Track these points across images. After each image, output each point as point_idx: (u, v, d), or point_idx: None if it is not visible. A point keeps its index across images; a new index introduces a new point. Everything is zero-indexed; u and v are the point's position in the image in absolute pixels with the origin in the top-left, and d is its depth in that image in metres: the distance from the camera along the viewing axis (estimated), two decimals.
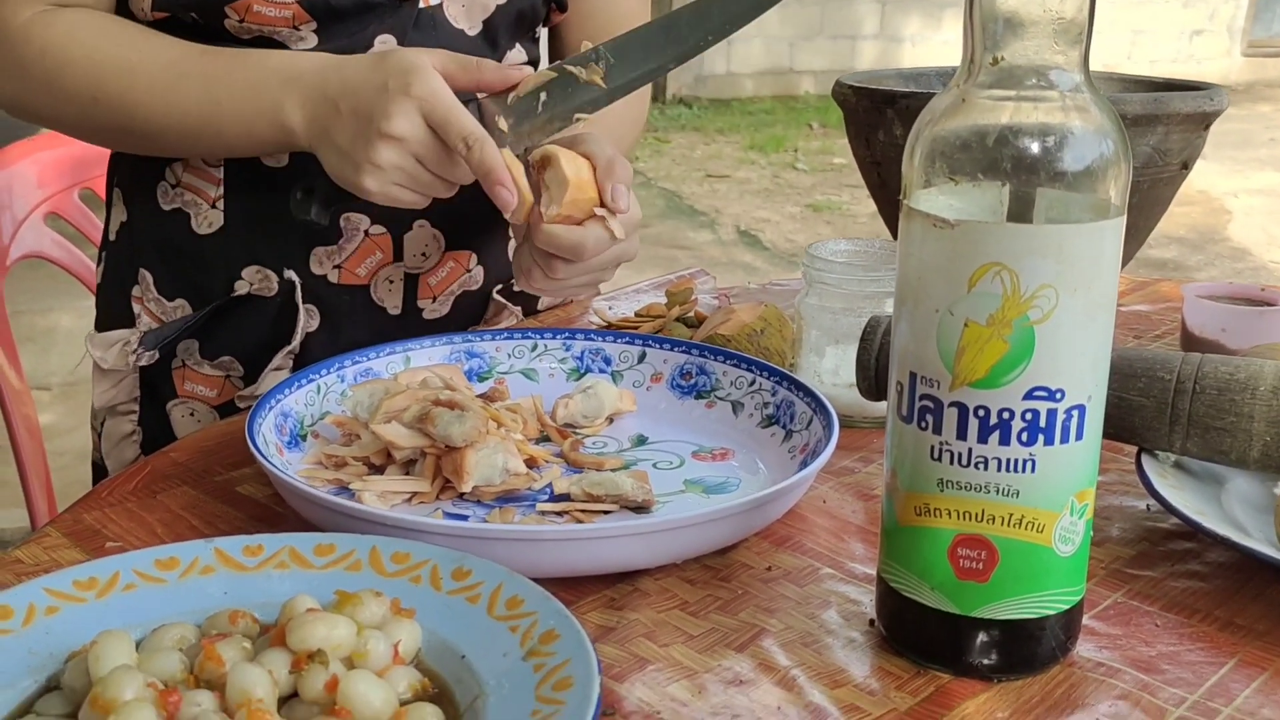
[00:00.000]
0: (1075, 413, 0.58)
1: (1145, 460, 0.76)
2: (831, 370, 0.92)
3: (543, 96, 0.90)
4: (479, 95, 0.90)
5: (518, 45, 1.10)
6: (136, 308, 1.07)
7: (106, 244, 1.12)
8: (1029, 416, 0.58)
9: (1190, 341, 1.05)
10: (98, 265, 1.13)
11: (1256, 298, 1.08)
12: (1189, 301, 1.06)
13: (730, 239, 5.05)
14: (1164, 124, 0.97)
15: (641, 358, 0.95)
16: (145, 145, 0.99)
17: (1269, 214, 5.47)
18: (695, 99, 7.96)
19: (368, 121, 0.85)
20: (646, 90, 1.19)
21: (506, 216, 0.88)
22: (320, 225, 0.93)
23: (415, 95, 0.84)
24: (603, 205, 0.90)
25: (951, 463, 0.59)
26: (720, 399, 0.90)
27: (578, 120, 0.91)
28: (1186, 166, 1.03)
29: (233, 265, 1.05)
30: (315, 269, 1.05)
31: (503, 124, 0.89)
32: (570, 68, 0.91)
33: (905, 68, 1.18)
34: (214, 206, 1.04)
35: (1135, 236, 1.05)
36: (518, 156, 0.89)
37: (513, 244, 1.13)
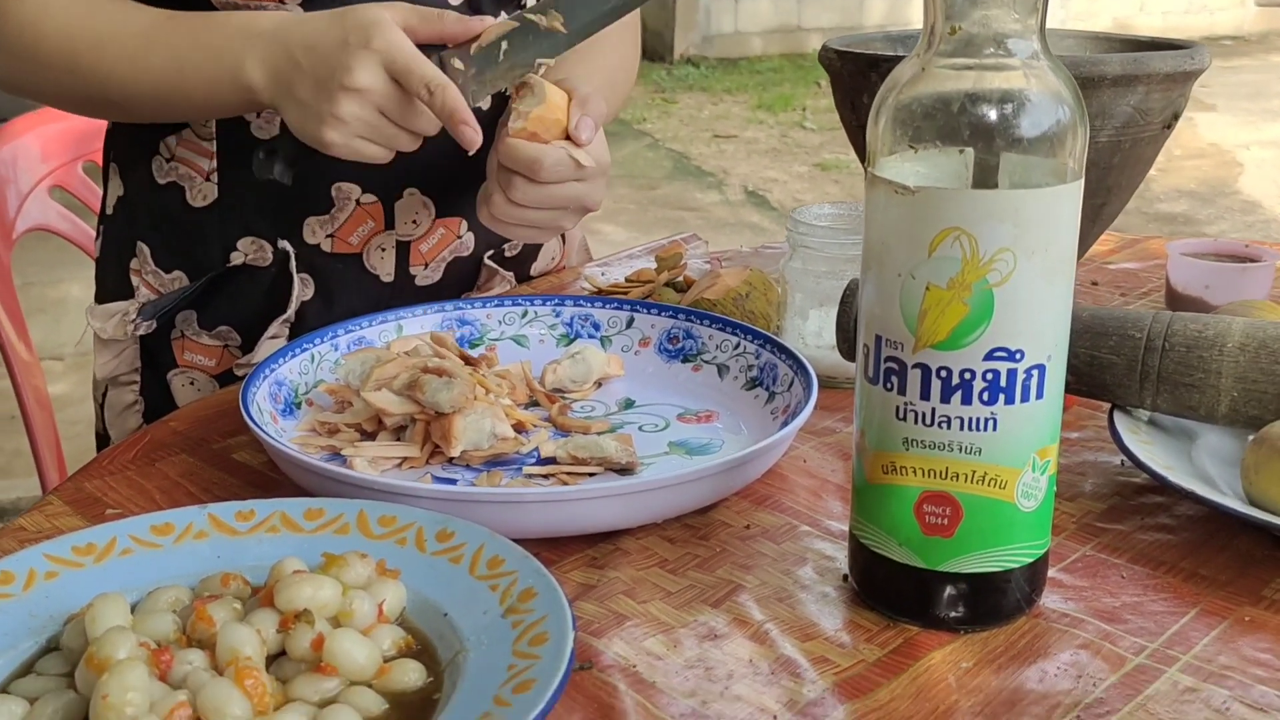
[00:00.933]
0: (1035, 372, 0.60)
1: (1117, 417, 0.78)
2: (815, 333, 0.94)
3: (504, 45, 0.92)
4: (442, 47, 0.92)
5: (503, 14, 1.12)
6: (135, 280, 1.09)
7: (104, 218, 1.14)
8: (990, 376, 0.59)
9: (1174, 299, 1.07)
10: (96, 239, 1.15)
11: (1241, 254, 1.09)
12: (1173, 259, 1.08)
13: (738, 199, 5.05)
14: (1144, 84, 0.98)
15: (630, 323, 0.96)
16: (123, 113, 1.01)
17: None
18: (702, 58, 7.92)
19: (329, 76, 0.87)
20: (635, 42, 1.20)
21: (470, 152, 0.90)
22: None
23: (376, 48, 0.86)
24: (567, 136, 0.92)
25: (916, 422, 0.61)
26: (706, 362, 0.92)
27: (540, 65, 0.92)
28: (1169, 126, 1.04)
29: (228, 237, 1.07)
30: (309, 238, 1.07)
31: (466, 73, 0.91)
32: (530, 16, 0.92)
33: (895, 30, 1.18)
34: (208, 180, 1.05)
35: (1119, 196, 1.06)
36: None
37: None
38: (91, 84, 0.97)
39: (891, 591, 0.65)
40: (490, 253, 1.15)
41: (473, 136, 0.88)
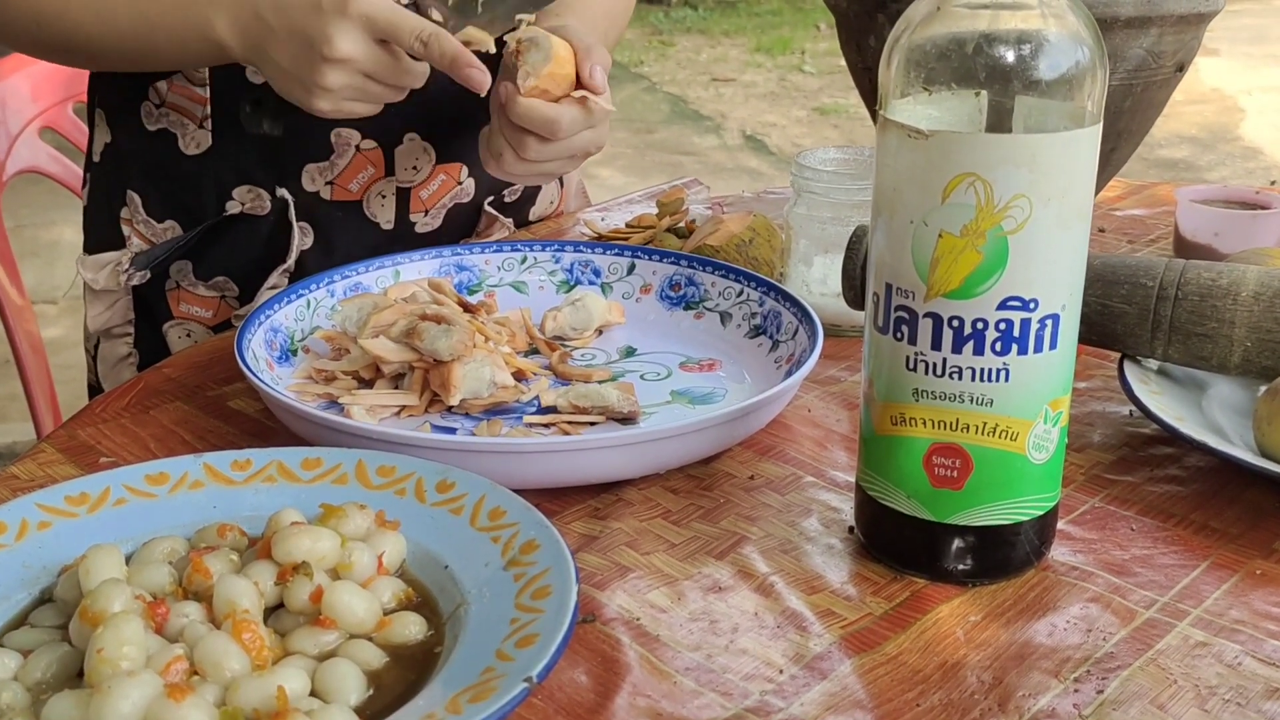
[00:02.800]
0: (1049, 322, 0.58)
1: (1127, 366, 0.77)
2: (819, 280, 0.92)
3: None
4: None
5: None
6: (126, 229, 1.07)
7: (91, 165, 1.11)
8: (1003, 326, 0.58)
9: (1183, 246, 1.05)
10: (83, 186, 1.13)
11: (1251, 201, 1.08)
12: (1182, 206, 1.06)
13: (736, 144, 5.01)
14: (1157, 26, 0.96)
15: (631, 269, 0.95)
16: (92, 64, 1.00)
17: None
18: (700, 1, 7.83)
19: (308, 45, 0.84)
20: None
21: (481, 95, 0.88)
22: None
23: (353, 14, 0.83)
24: (580, 86, 0.90)
25: (926, 373, 0.59)
26: (709, 310, 0.91)
27: (520, 21, 0.90)
28: (1181, 69, 1.02)
29: (223, 185, 1.05)
30: (307, 186, 1.05)
31: (445, 25, 0.88)
32: None
33: None
34: (201, 126, 1.03)
35: (1129, 140, 1.04)
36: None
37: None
38: (58, 35, 0.94)
39: (899, 544, 0.64)
40: (490, 199, 1.13)
41: (481, 79, 0.86)
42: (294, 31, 0.85)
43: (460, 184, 1.10)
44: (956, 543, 0.62)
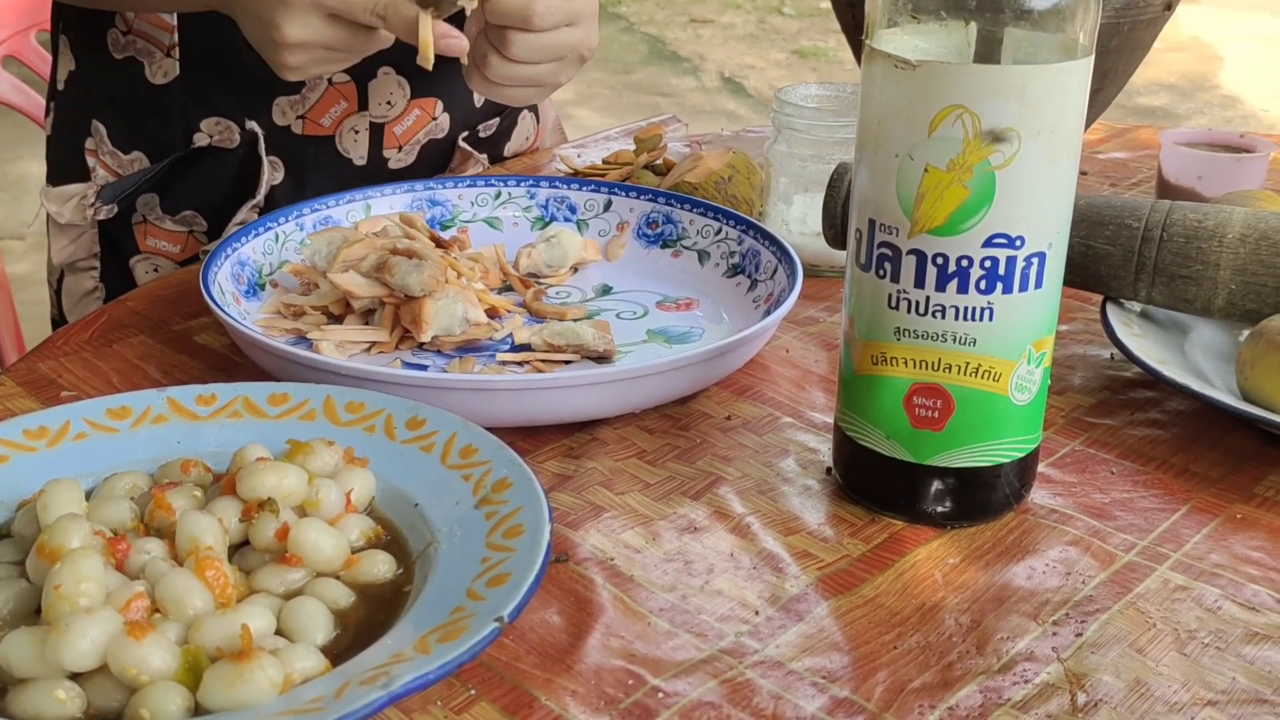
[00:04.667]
0: (1035, 260, 0.57)
1: (1110, 309, 0.76)
2: (799, 219, 0.91)
3: None
4: None
5: None
6: (91, 161, 1.04)
7: (55, 93, 1.08)
8: (988, 264, 0.57)
9: (1166, 189, 1.04)
10: (46, 116, 1.10)
11: (1235, 144, 1.06)
12: (1166, 148, 1.05)
13: (714, 86, 4.96)
14: None
15: (607, 206, 0.93)
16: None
17: (1262, 61, 5.38)
18: None
19: (264, 27, 0.81)
20: None
21: (463, 61, 0.85)
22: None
23: (294, 2, 0.80)
24: None
25: (909, 311, 0.58)
26: (686, 248, 0.89)
27: None
28: (1170, 7, 1.00)
29: (191, 116, 1.02)
30: (278, 119, 1.02)
31: None
32: None
33: None
34: (169, 55, 1.00)
35: (1114, 81, 1.03)
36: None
37: (479, 97, 1.10)
38: None
39: (877, 485, 0.63)
40: (465, 134, 1.10)
41: (457, 45, 0.83)
42: (250, 12, 0.82)
43: (435, 119, 1.08)
44: (936, 484, 0.61)
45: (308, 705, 0.45)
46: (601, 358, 0.76)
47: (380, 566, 0.54)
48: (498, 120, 1.13)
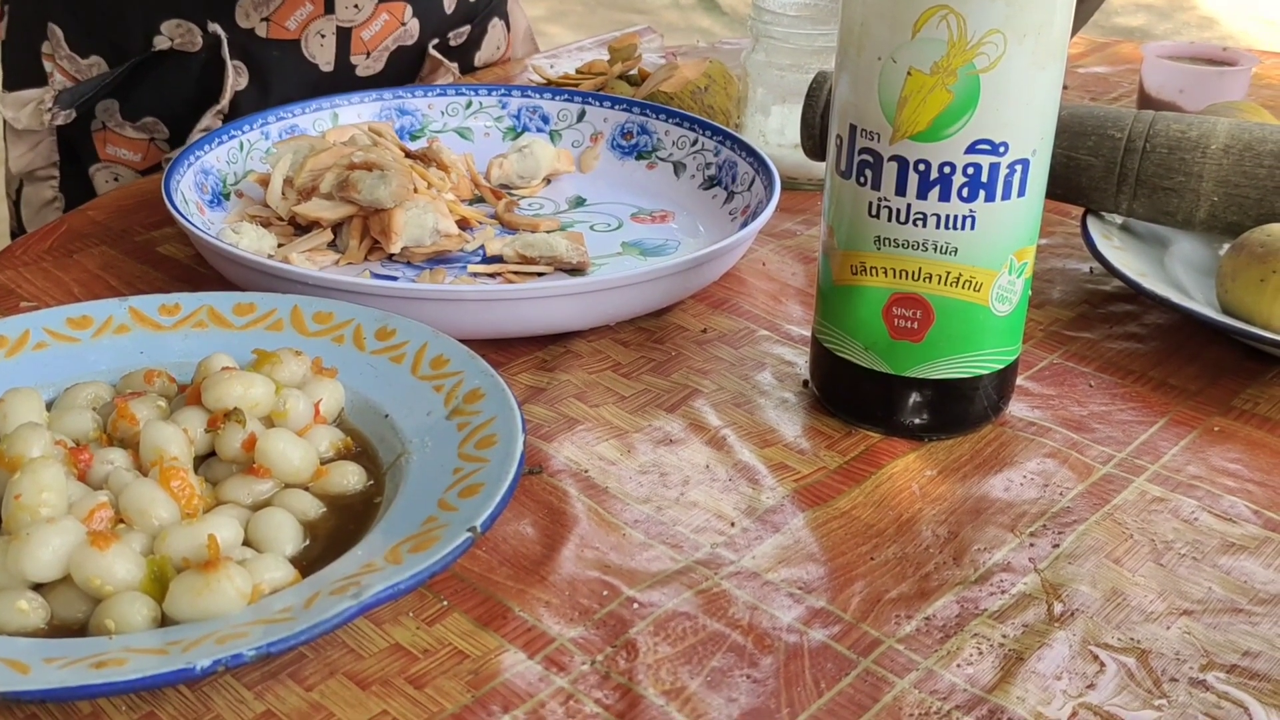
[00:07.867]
0: (1019, 168, 0.56)
1: (1090, 222, 0.75)
2: (777, 130, 0.89)
3: None
4: None
5: None
6: (48, 65, 1.01)
7: None
8: (970, 171, 0.55)
9: (1147, 103, 1.03)
10: (0, 19, 1.06)
11: (1218, 58, 1.05)
12: (1148, 61, 1.03)
13: (688, 3, 4.89)
14: None
15: (581, 116, 0.91)
16: None
17: None
18: None
19: None
20: None
21: None
22: None
23: None
24: None
25: (889, 219, 0.57)
26: (661, 160, 0.87)
27: None
28: None
29: (151, 18, 0.99)
30: (242, 22, 0.99)
31: None
32: None
33: None
34: None
35: None
36: None
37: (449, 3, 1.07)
38: None
39: (854, 397, 0.62)
40: (435, 41, 1.08)
41: None
42: None
43: (404, 24, 1.05)
44: (914, 396, 0.60)
45: (277, 615, 0.44)
46: (575, 270, 0.74)
47: (350, 478, 0.53)
48: (468, 28, 1.10)
